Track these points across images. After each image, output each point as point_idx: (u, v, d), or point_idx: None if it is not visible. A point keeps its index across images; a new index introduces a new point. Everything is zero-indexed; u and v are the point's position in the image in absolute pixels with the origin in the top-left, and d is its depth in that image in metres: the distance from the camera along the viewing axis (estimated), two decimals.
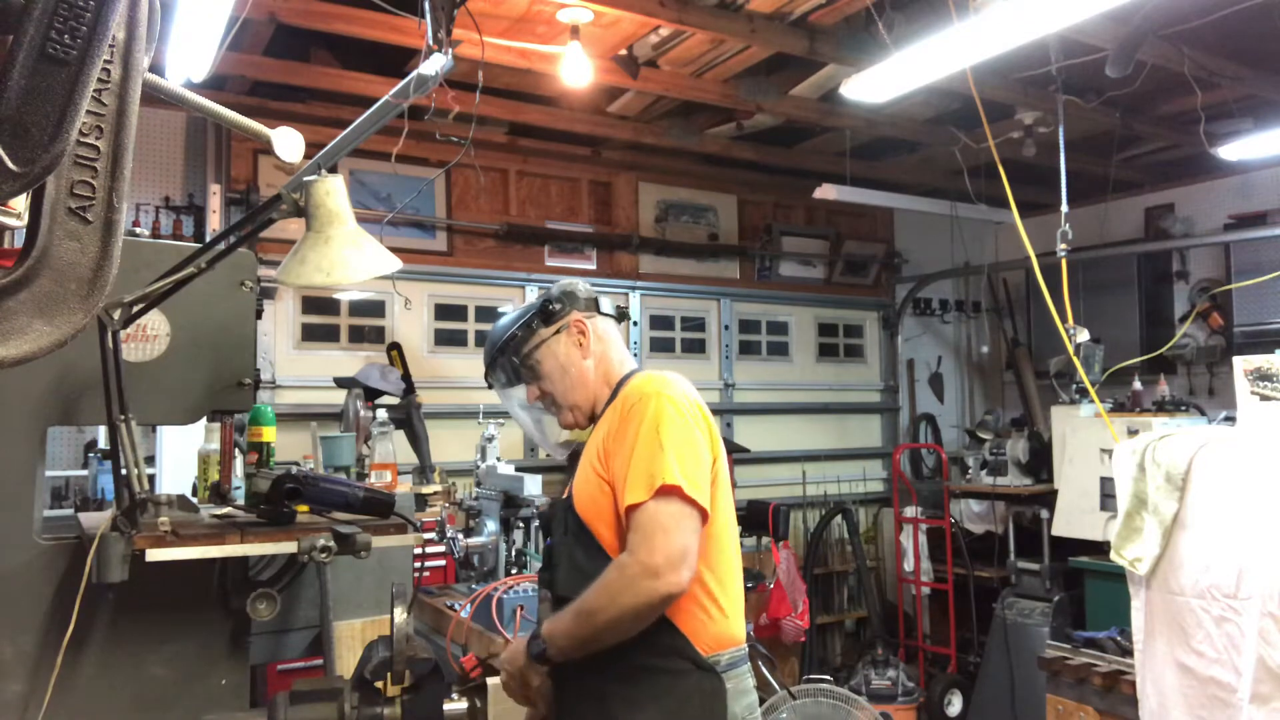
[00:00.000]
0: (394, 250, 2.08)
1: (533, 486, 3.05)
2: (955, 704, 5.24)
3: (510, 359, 1.94)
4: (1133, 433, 4.10)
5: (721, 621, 1.74)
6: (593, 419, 1.92)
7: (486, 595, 2.69)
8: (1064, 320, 3.68)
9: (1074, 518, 4.63)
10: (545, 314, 1.93)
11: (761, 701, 3.58)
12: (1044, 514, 4.92)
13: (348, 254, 1.95)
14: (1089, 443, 4.61)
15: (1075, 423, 4.74)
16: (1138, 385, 4.86)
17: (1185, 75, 4.02)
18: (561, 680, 1.83)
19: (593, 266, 5.53)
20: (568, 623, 1.68)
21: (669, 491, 1.63)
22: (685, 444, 1.69)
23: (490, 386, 2.04)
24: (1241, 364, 3.25)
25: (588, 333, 1.94)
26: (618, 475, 1.70)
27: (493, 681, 2.43)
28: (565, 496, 1.86)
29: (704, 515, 1.67)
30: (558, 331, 1.93)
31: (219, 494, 2.51)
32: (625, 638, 1.66)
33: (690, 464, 1.67)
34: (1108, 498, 4.34)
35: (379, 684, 1.65)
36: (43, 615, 2.08)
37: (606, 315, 2.00)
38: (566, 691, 1.82)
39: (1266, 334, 5.11)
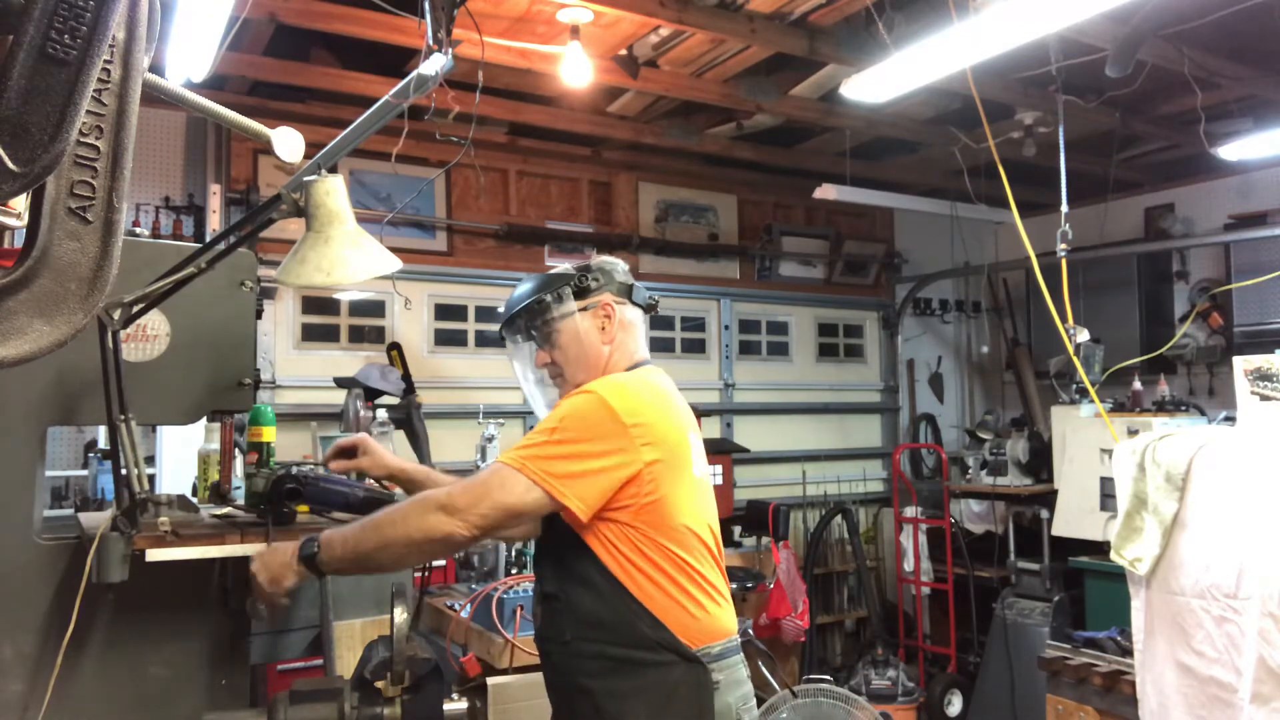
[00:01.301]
0: (394, 250, 2.08)
1: None
2: (955, 704, 5.24)
3: (530, 322, 1.93)
4: (1133, 433, 4.10)
5: (707, 614, 1.75)
6: None
7: (486, 595, 2.69)
8: (1064, 320, 3.68)
9: (1074, 518, 4.63)
10: (578, 288, 1.91)
11: (761, 701, 3.59)
12: (1044, 514, 4.92)
13: (348, 254, 1.95)
14: (1089, 443, 4.61)
15: (1075, 423, 4.74)
16: (1138, 385, 4.86)
17: (1185, 75, 4.02)
18: (550, 677, 1.84)
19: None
20: (351, 531, 1.73)
21: (523, 470, 1.67)
22: (577, 442, 1.70)
23: (503, 340, 2.04)
24: (1241, 364, 3.26)
25: (613, 317, 1.92)
26: None
27: (493, 682, 2.44)
28: None
29: (560, 507, 1.68)
30: (585, 308, 1.91)
31: (219, 494, 2.50)
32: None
33: (566, 459, 1.68)
34: (1108, 498, 4.34)
35: (379, 684, 1.65)
36: (43, 615, 2.08)
37: (636, 305, 1.99)
38: (556, 688, 1.83)
39: (1266, 334, 5.11)
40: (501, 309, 2.04)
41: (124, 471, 2.01)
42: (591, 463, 1.68)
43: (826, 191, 5.06)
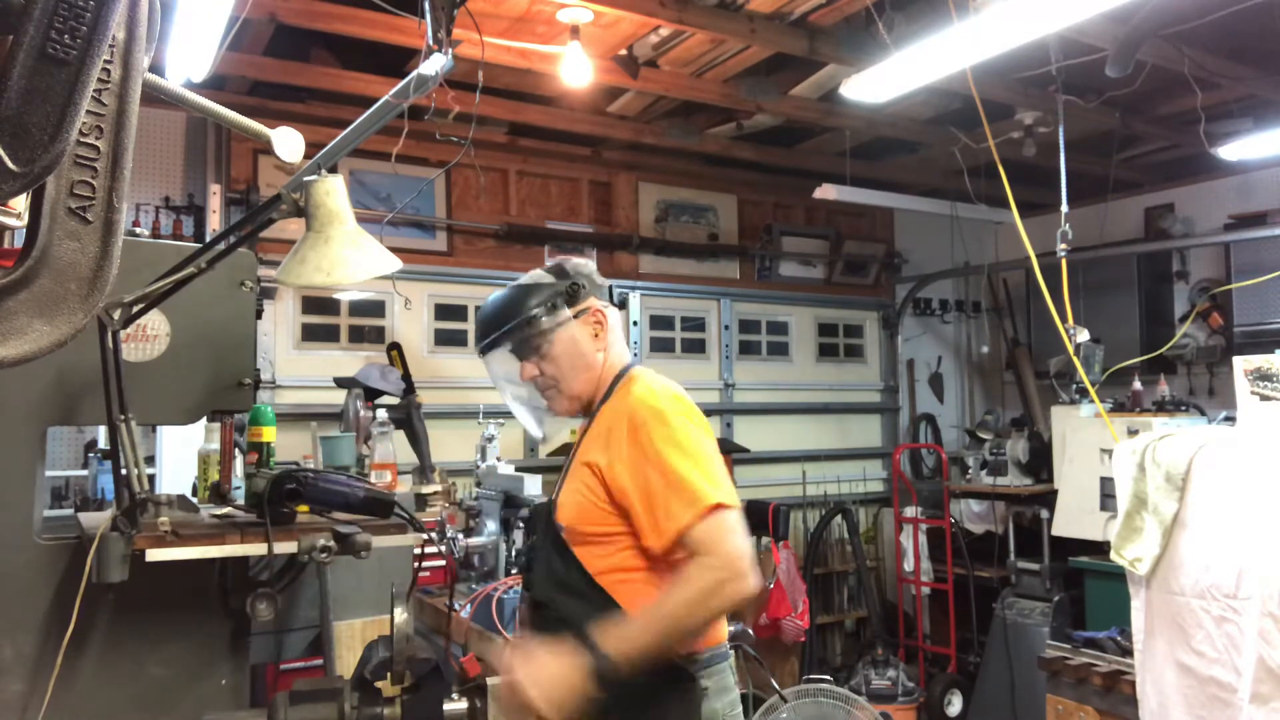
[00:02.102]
0: (394, 250, 2.08)
1: (533, 487, 3.05)
2: (955, 704, 5.24)
3: (519, 336, 1.83)
4: (1133, 433, 4.09)
5: None
6: (586, 411, 1.88)
7: (486, 595, 2.69)
8: (1064, 320, 3.68)
9: (1074, 518, 4.63)
10: (570, 294, 1.84)
11: (760, 702, 3.59)
12: (1044, 514, 4.92)
13: (348, 254, 1.95)
14: (1089, 443, 4.60)
15: (1075, 423, 4.74)
16: (1138, 385, 4.86)
17: (1185, 75, 4.02)
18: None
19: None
20: (643, 634, 1.59)
21: (715, 508, 1.62)
22: (706, 454, 1.68)
23: (481, 354, 1.91)
24: (1241, 364, 3.25)
25: (604, 323, 1.87)
26: (642, 496, 1.67)
27: (493, 682, 2.43)
28: (552, 499, 1.84)
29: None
30: (576, 315, 1.84)
31: (219, 494, 2.50)
32: (692, 643, 1.66)
33: (718, 473, 1.67)
34: (1108, 498, 4.34)
35: (379, 684, 1.65)
36: (43, 615, 2.08)
37: (613, 305, 1.96)
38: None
39: (1266, 334, 5.10)
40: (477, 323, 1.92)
41: (124, 471, 2.01)
42: (720, 467, 1.70)
43: (826, 191, 5.06)
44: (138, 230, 4.21)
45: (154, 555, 1.90)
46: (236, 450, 2.66)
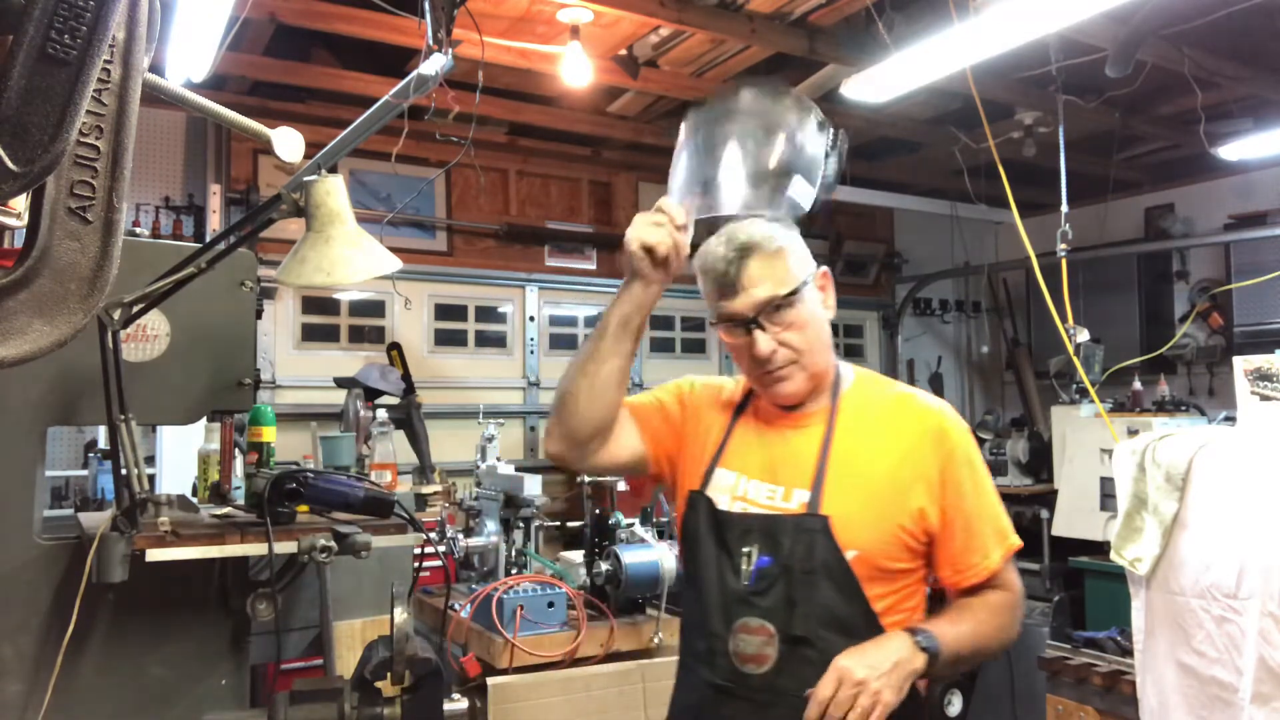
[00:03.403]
0: (394, 250, 2.08)
1: (533, 486, 3.05)
2: (955, 704, 5.23)
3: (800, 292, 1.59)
4: (1133, 433, 4.09)
5: None
6: (798, 398, 1.62)
7: (486, 595, 2.69)
8: (1064, 320, 3.67)
9: (1074, 518, 4.62)
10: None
11: None
12: (1044, 514, 4.91)
13: (348, 254, 1.95)
14: (1089, 443, 4.60)
15: (1075, 423, 4.74)
16: (1138, 385, 4.86)
17: (1185, 75, 4.02)
18: None
19: (593, 266, 5.53)
20: (964, 639, 1.51)
21: (1015, 548, 1.59)
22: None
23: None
24: (1241, 364, 3.25)
25: (829, 289, 1.66)
26: (963, 530, 1.54)
27: (493, 682, 2.44)
28: (810, 514, 1.50)
29: None
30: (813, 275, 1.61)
31: (219, 494, 2.50)
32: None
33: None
34: (1108, 498, 4.33)
35: (379, 684, 1.65)
36: (43, 615, 2.08)
37: None
38: None
39: (1266, 334, 5.11)
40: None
41: (124, 471, 2.01)
42: None
43: None
44: (138, 230, 4.21)
45: (154, 555, 1.90)
46: (236, 450, 2.65)
